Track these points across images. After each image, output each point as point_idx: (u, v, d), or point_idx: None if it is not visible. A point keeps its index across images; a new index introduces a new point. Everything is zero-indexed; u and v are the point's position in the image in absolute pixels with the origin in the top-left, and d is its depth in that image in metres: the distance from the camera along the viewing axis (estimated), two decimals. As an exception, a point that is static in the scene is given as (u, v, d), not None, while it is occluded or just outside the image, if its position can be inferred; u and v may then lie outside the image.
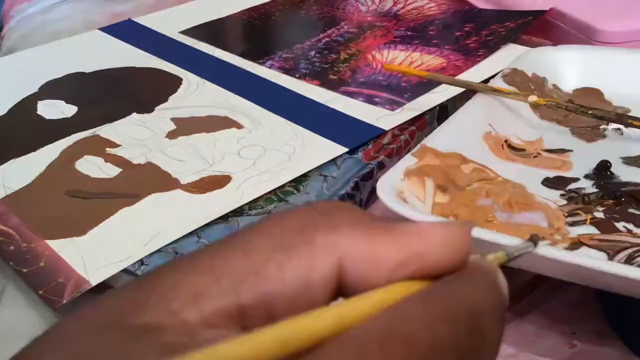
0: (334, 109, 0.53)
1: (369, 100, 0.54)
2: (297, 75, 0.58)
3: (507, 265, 0.39)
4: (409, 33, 0.64)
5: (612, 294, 0.34)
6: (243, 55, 0.63)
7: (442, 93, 0.53)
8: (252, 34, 0.68)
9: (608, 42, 0.58)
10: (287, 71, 0.59)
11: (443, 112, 0.53)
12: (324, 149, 0.48)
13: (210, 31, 0.68)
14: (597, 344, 0.37)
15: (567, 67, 0.52)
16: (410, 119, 0.51)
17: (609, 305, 0.38)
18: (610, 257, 0.35)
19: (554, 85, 0.51)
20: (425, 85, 0.54)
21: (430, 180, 0.40)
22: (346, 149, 0.48)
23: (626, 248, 0.36)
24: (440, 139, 0.43)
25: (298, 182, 0.45)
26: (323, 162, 0.47)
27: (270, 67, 0.60)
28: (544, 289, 0.40)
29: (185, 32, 0.68)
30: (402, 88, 0.55)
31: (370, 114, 0.51)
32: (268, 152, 0.48)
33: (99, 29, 0.71)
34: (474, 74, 0.56)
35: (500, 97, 0.48)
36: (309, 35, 0.65)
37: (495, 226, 0.37)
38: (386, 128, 0.50)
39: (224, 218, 0.42)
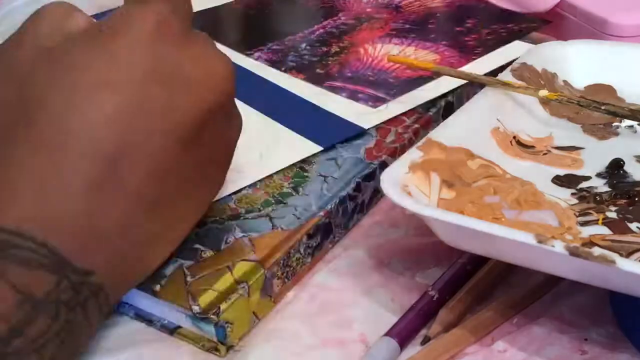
0: (314, 105, 0.53)
1: (353, 96, 0.53)
2: (283, 68, 0.58)
3: (514, 271, 0.40)
4: (407, 26, 0.64)
5: (623, 298, 0.34)
6: (232, 45, 0.62)
7: (431, 90, 0.53)
8: (246, 23, 0.68)
9: (620, 35, 0.58)
10: (273, 63, 0.59)
11: (448, 109, 0.52)
12: (297, 148, 0.48)
13: (203, 20, 0.68)
14: (609, 350, 0.37)
15: (577, 63, 0.52)
16: (415, 117, 0.51)
17: (620, 310, 0.38)
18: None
19: (565, 82, 0.51)
20: (414, 82, 0.54)
21: (436, 175, 0.40)
22: (321, 148, 0.47)
23: (640, 250, 0.36)
24: (446, 132, 0.43)
25: (297, 183, 0.45)
26: (294, 162, 0.47)
27: (257, 59, 0.59)
28: (553, 294, 0.40)
29: None
30: (389, 84, 0.55)
31: (351, 111, 0.51)
32: (239, 149, 0.48)
33: (89, 17, 0.71)
34: (469, 71, 0.55)
35: (510, 91, 0.48)
36: (303, 26, 0.65)
37: (504, 224, 0.37)
38: (366, 126, 0.49)
39: (220, 222, 0.42)
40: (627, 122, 0.48)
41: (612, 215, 0.39)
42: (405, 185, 0.38)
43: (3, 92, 0.33)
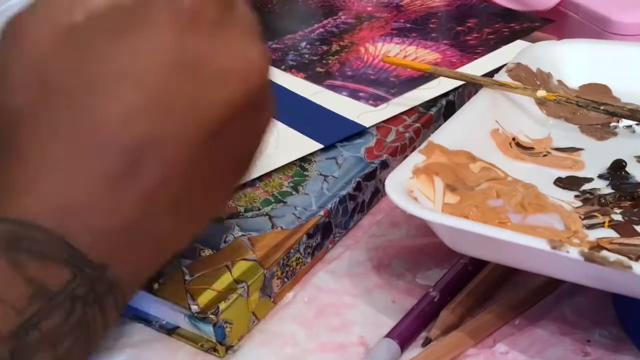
0: (314, 103, 0.53)
1: (353, 94, 0.53)
2: (283, 67, 0.58)
3: (517, 272, 0.39)
4: (408, 25, 0.64)
5: (626, 299, 0.34)
6: None
7: (432, 89, 0.53)
8: None
9: (623, 34, 0.58)
10: (273, 62, 0.58)
11: (449, 108, 0.52)
12: (297, 146, 0.47)
13: None
14: (612, 352, 0.37)
15: (571, 63, 0.52)
16: (415, 116, 0.51)
17: (623, 311, 0.38)
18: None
19: (559, 81, 0.51)
20: (415, 80, 0.54)
21: (439, 179, 0.40)
22: (321, 146, 0.47)
23: (648, 253, 0.36)
24: (447, 135, 0.42)
25: (297, 182, 0.45)
26: (294, 159, 0.46)
27: None
28: (554, 295, 0.40)
29: None
30: (390, 83, 0.54)
31: (352, 110, 0.51)
32: None
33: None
34: (470, 70, 0.55)
35: (507, 92, 0.47)
36: (303, 25, 0.65)
37: (510, 229, 0.37)
38: (367, 125, 0.49)
39: (219, 220, 0.42)
40: (625, 122, 0.48)
41: (617, 217, 0.39)
42: (411, 191, 0.38)
43: (17, 69, 0.31)
